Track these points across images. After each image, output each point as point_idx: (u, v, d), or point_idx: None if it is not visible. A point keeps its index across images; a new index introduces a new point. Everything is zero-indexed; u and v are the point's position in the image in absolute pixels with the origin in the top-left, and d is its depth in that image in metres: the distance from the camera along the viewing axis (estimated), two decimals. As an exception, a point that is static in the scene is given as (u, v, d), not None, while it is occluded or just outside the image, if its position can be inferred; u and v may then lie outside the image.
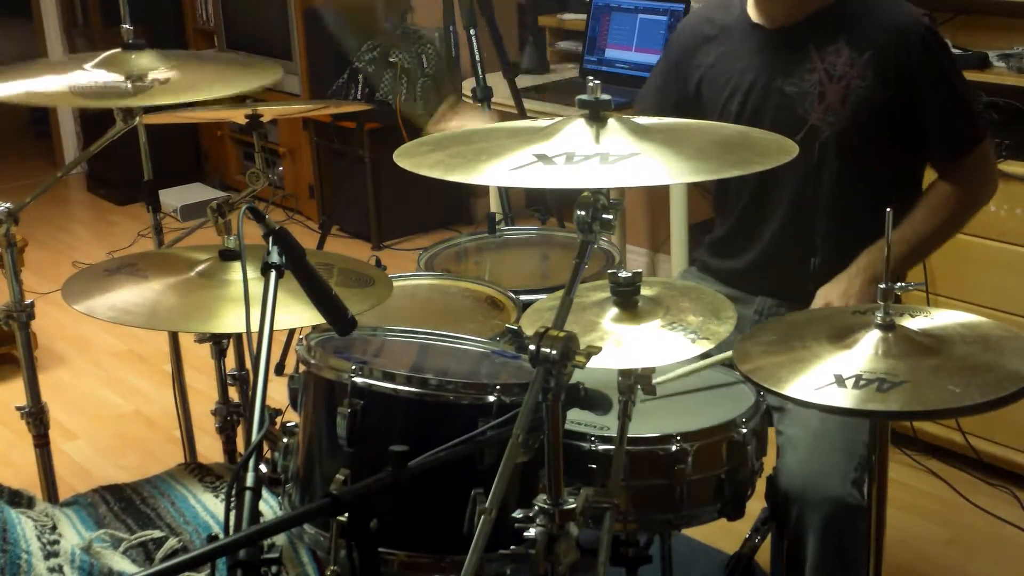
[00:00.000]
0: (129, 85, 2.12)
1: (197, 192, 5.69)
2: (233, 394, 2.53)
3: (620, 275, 1.69)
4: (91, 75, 2.15)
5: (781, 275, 2.21)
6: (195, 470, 2.22)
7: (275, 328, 1.55)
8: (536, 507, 1.44)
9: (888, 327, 1.54)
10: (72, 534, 1.96)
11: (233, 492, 1.39)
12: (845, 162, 2.11)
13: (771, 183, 2.16)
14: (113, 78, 2.14)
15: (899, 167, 2.17)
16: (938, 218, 2.13)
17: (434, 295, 2.29)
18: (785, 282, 2.21)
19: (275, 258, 1.60)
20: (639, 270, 1.70)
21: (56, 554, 1.84)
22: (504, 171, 1.43)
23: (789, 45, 2.14)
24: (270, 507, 1.98)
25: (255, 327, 1.54)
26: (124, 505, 2.09)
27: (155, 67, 2.19)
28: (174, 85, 2.12)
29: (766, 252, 2.23)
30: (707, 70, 2.26)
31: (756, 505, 1.99)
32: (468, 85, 3.80)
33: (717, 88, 2.23)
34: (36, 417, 2.35)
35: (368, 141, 4.78)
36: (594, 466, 1.78)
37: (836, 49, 2.10)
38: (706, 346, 1.64)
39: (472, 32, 3.58)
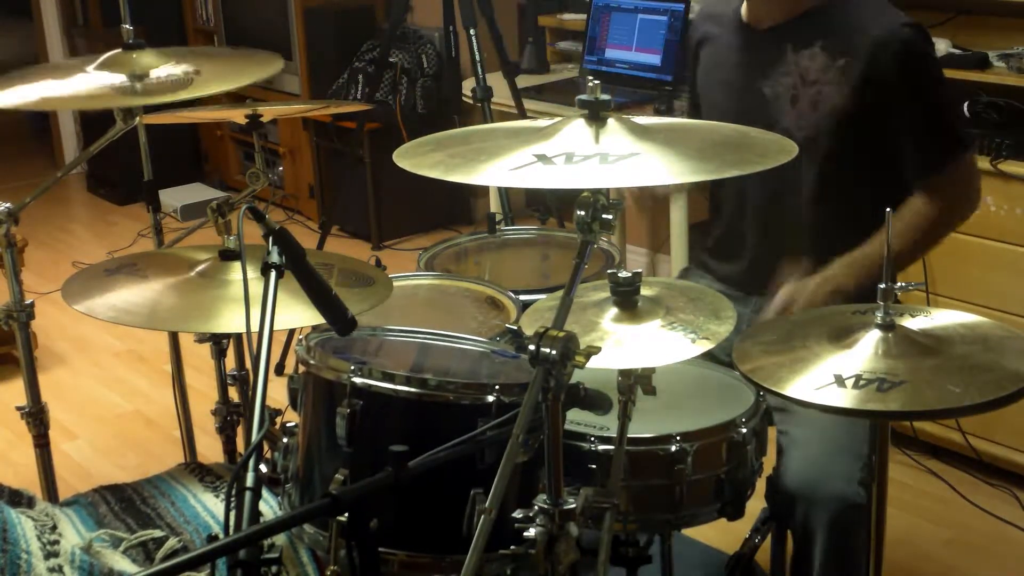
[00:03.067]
0: (136, 85, 2.12)
1: (197, 192, 5.69)
2: (233, 394, 2.53)
3: (620, 275, 1.69)
4: (93, 77, 2.16)
5: (773, 277, 2.21)
6: (195, 470, 2.22)
7: (275, 328, 1.55)
8: (536, 507, 1.44)
9: (888, 327, 1.54)
10: (72, 534, 1.96)
11: (233, 492, 1.39)
12: (821, 166, 2.10)
13: (754, 187, 2.17)
14: (116, 79, 2.15)
15: (878, 171, 2.13)
16: (910, 235, 2.06)
17: (434, 295, 2.29)
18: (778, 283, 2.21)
19: (275, 258, 1.60)
20: (639, 270, 1.70)
21: (56, 554, 1.84)
22: (504, 171, 1.43)
23: (770, 46, 2.14)
24: (270, 507, 1.98)
25: (255, 327, 1.54)
26: (124, 505, 2.09)
27: (156, 65, 2.19)
28: (178, 81, 2.12)
29: (756, 255, 2.23)
30: (703, 66, 2.27)
31: (756, 505, 1.99)
32: (468, 85, 3.81)
33: (711, 85, 2.25)
34: (36, 417, 2.36)
35: (368, 141, 4.78)
36: (594, 466, 1.78)
37: (812, 54, 2.08)
38: (706, 346, 1.64)
39: (472, 32, 3.58)
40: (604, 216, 1.44)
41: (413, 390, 1.69)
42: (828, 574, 1.91)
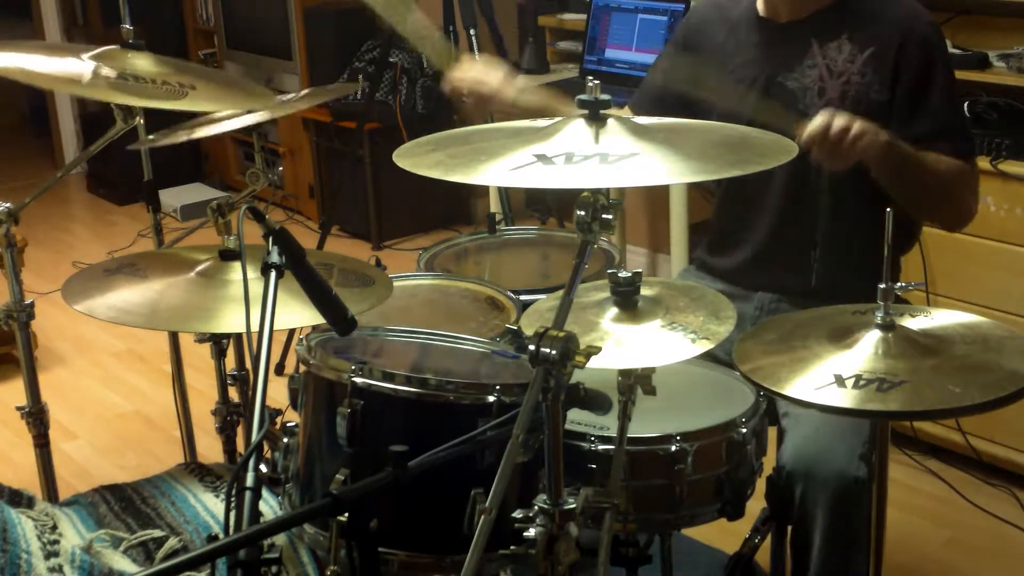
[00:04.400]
0: (127, 82, 2.11)
1: (197, 192, 5.69)
2: (233, 394, 2.53)
3: (620, 275, 1.69)
4: (85, 65, 2.14)
5: (781, 270, 2.21)
6: (195, 470, 2.22)
7: (275, 328, 1.55)
8: (536, 507, 1.44)
9: (888, 327, 1.54)
10: (72, 534, 1.95)
11: (233, 492, 1.39)
12: None
13: (769, 178, 2.16)
14: (107, 72, 2.14)
15: None
16: (941, 168, 2.05)
17: (434, 295, 2.29)
18: (785, 276, 2.20)
19: (275, 258, 1.59)
20: (639, 270, 1.70)
21: (56, 554, 1.83)
22: (504, 171, 1.43)
23: (793, 40, 2.14)
24: (270, 507, 1.98)
25: (255, 327, 1.54)
26: (124, 505, 2.08)
27: (151, 70, 2.19)
28: (171, 91, 2.12)
29: (765, 247, 2.22)
30: (706, 62, 2.26)
31: (756, 505, 1.99)
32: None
33: (721, 81, 2.24)
34: (36, 417, 2.36)
35: (368, 141, 4.78)
36: (594, 466, 1.78)
37: (838, 45, 2.10)
38: (706, 346, 1.64)
39: (472, 32, 3.58)
40: (604, 216, 1.44)
41: (413, 390, 1.69)
42: (827, 558, 1.90)
